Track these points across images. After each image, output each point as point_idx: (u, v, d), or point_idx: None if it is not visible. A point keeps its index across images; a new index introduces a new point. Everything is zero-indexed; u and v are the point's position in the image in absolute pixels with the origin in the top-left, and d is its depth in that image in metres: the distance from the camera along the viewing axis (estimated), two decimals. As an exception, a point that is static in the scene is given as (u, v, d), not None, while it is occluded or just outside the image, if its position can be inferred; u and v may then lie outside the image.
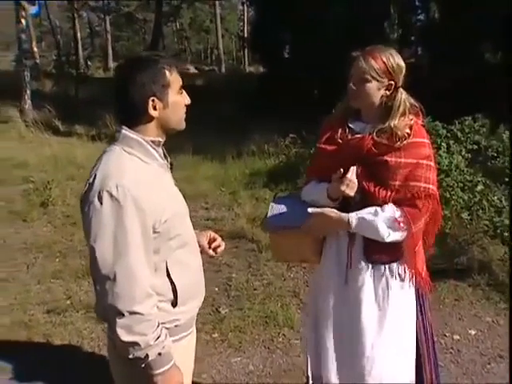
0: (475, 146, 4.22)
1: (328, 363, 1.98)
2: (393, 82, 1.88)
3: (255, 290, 3.95)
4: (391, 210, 1.86)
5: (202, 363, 3.04)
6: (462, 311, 3.57)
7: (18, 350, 3.19)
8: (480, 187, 3.85)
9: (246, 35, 25.91)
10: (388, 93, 1.89)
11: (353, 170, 1.85)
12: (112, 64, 25.71)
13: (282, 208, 2.05)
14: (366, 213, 1.86)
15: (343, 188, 1.84)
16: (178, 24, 36.43)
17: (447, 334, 3.28)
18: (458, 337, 3.25)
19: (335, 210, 1.89)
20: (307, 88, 12.33)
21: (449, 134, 4.17)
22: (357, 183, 1.86)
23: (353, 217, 1.86)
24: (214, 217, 5.46)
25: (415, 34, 13.94)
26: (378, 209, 1.86)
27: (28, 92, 10.68)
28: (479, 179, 3.86)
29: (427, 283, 2.01)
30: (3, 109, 10.08)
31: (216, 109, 11.44)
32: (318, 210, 1.88)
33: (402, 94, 1.90)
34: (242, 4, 29.79)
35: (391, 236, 1.86)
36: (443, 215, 3.91)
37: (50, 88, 14.51)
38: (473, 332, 3.30)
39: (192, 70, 27.67)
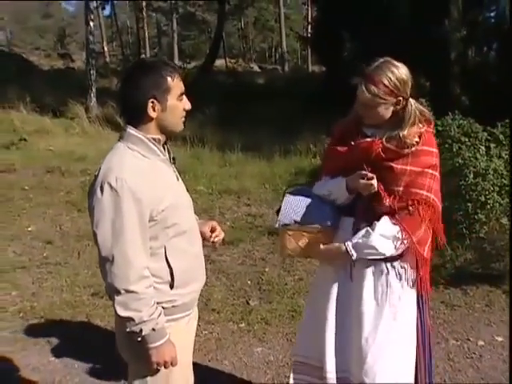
0: (519, 150, 4.10)
1: (328, 353, 2.07)
2: (401, 98, 1.91)
3: (286, 284, 4.07)
4: (385, 227, 1.91)
5: (225, 350, 3.21)
6: (492, 317, 3.51)
7: (63, 326, 3.51)
8: (518, 192, 3.76)
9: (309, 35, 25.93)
10: (398, 107, 1.93)
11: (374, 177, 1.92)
12: (177, 63, 26.48)
13: (296, 204, 2.10)
14: (358, 237, 1.94)
15: (362, 182, 1.92)
16: (242, 23, 36.90)
17: (471, 339, 3.25)
18: (483, 342, 3.22)
19: (334, 244, 1.99)
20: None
21: (490, 137, 4.09)
22: (375, 186, 1.91)
23: (348, 244, 1.94)
24: (255, 213, 5.61)
25: (481, 32, 13.36)
26: (369, 229, 1.93)
27: (93, 90, 11.29)
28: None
29: (427, 290, 2.05)
30: (71, 106, 10.70)
31: (274, 107, 11.56)
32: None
33: (412, 105, 1.93)
34: (304, 4, 29.76)
35: (391, 251, 1.92)
36: (478, 219, 3.88)
37: (115, 85, 15.21)
38: (499, 339, 3.25)
39: (255, 68, 28.05)
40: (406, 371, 2.04)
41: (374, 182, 1.90)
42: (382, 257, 1.93)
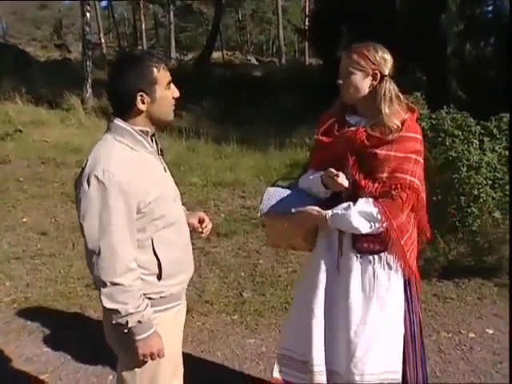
0: (513, 144, 4.10)
1: (316, 347, 2.08)
2: (378, 72, 1.94)
3: (279, 276, 4.08)
4: (365, 204, 1.93)
5: (218, 342, 3.23)
6: (483, 310, 3.54)
7: (57, 317, 3.52)
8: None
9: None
10: (375, 82, 1.96)
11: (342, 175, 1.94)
12: (174, 55, 26.35)
13: (278, 194, 2.12)
14: (339, 208, 1.95)
15: (328, 181, 1.95)
16: (239, 15, 36.75)
17: (463, 332, 3.27)
18: (474, 335, 3.24)
19: (317, 208, 1.98)
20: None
21: (483, 131, 4.09)
22: (342, 184, 1.93)
23: (328, 213, 1.96)
24: (249, 205, 5.60)
25: (478, 26, 13.34)
26: (351, 203, 1.94)
27: (89, 81, 11.23)
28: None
29: (414, 275, 2.06)
30: (67, 97, 10.65)
31: (270, 100, 11.54)
32: (301, 208, 1.99)
33: (387, 83, 1.96)
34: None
35: (366, 229, 1.93)
36: (471, 212, 3.89)
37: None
38: (490, 331, 3.27)
39: (252, 60, 27.97)
40: (393, 362, 2.06)
41: (340, 179, 1.92)
42: (357, 232, 1.94)
